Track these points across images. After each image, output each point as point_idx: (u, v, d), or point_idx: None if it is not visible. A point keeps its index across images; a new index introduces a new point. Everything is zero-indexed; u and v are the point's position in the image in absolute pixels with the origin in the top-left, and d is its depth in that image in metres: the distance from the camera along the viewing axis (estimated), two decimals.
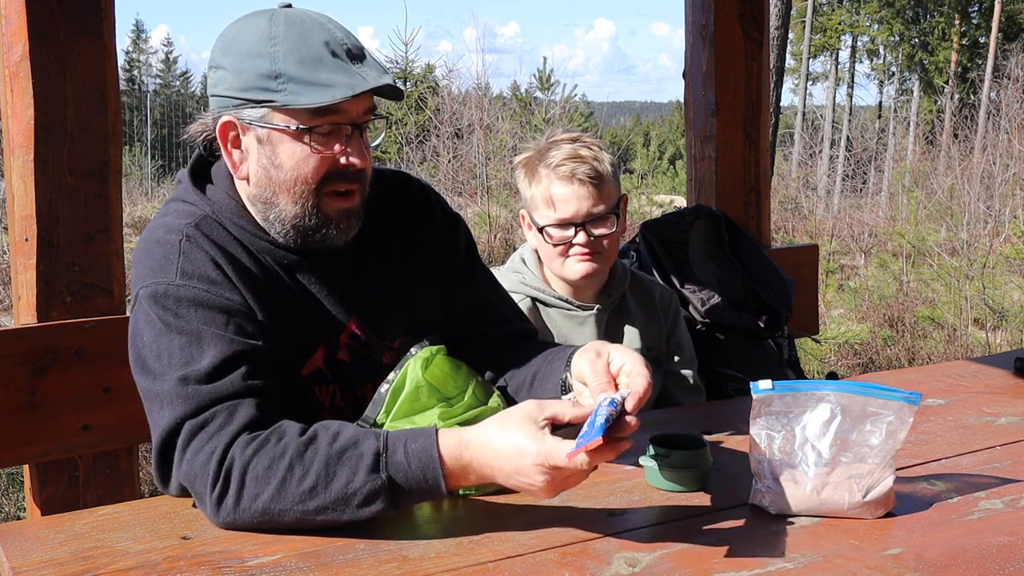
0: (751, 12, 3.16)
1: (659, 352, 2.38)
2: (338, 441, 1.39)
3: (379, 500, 1.37)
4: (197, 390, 1.44)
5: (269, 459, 1.38)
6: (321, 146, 1.55)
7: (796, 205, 16.23)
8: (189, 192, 1.65)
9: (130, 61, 46.24)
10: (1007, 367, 2.40)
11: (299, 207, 1.58)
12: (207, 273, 1.52)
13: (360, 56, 1.55)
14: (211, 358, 1.45)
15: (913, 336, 8.25)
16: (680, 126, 33.87)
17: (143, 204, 14.92)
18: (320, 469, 1.37)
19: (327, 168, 1.56)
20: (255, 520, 1.39)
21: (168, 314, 1.49)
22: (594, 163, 2.15)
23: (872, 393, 1.50)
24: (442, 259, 1.83)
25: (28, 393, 2.05)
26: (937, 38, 34.81)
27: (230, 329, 1.49)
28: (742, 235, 2.97)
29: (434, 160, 12.26)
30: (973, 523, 1.47)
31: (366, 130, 1.60)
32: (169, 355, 1.47)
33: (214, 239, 1.58)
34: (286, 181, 1.57)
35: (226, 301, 1.51)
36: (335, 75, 1.51)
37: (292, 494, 1.37)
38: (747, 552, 1.37)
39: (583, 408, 1.38)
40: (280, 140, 1.55)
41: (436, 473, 1.37)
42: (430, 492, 1.39)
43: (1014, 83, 18.15)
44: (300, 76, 1.51)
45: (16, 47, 2.04)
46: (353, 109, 1.55)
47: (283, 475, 1.37)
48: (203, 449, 1.41)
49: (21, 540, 1.38)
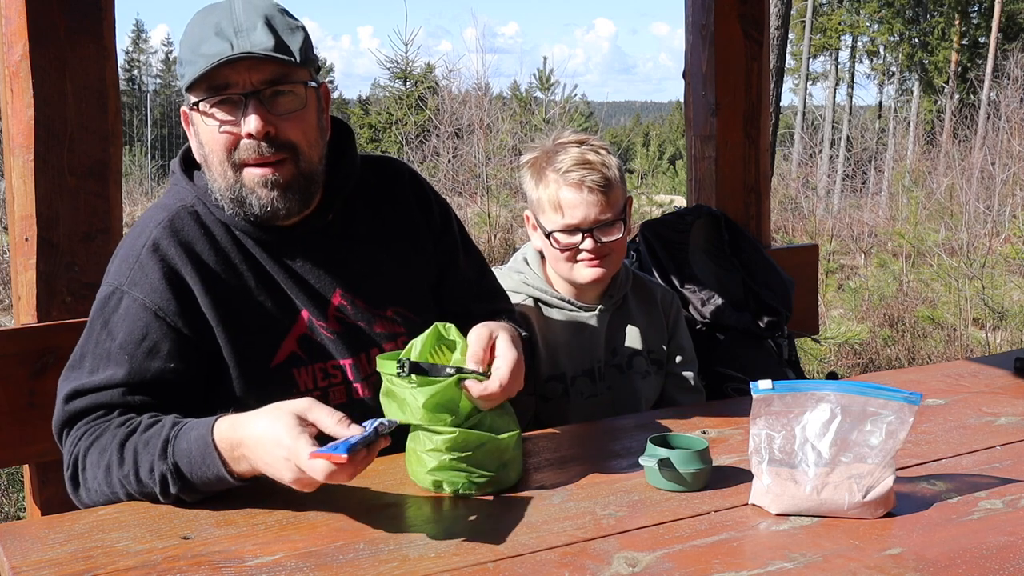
0: (751, 12, 3.16)
1: (660, 353, 2.38)
2: (150, 430, 1.53)
3: (172, 484, 1.47)
4: (78, 402, 1.59)
5: (100, 449, 1.54)
6: (222, 121, 1.63)
7: (796, 205, 16.24)
8: (179, 179, 1.76)
9: (130, 61, 46.29)
10: (1007, 367, 2.40)
11: (225, 180, 1.66)
12: (155, 287, 1.63)
13: (249, 27, 1.61)
14: (106, 376, 1.60)
15: (913, 336, 8.25)
16: (680, 126, 33.88)
17: (143, 204, 14.92)
18: (131, 456, 1.51)
19: (235, 141, 1.63)
20: (100, 499, 1.54)
21: (98, 321, 1.64)
22: (603, 169, 2.14)
23: (872, 393, 1.50)
24: (439, 237, 1.91)
25: (28, 393, 2.05)
26: (937, 38, 34.82)
27: (142, 349, 1.61)
28: (742, 235, 2.97)
29: (434, 160, 12.27)
30: (973, 523, 1.47)
31: (271, 99, 1.63)
32: (82, 352, 1.64)
33: (184, 236, 1.67)
34: (209, 156, 1.67)
35: (155, 316, 1.62)
36: (210, 49, 1.59)
37: (116, 479, 1.51)
38: (747, 552, 1.37)
39: (347, 428, 1.39)
40: (198, 120, 1.66)
41: (213, 458, 1.45)
42: (214, 477, 1.46)
43: (1014, 83, 18.16)
44: (187, 57, 1.62)
45: (16, 47, 2.04)
46: (241, 80, 1.60)
47: (107, 463, 1.52)
48: (71, 437, 1.59)
49: (21, 540, 1.38)
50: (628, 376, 2.30)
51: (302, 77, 1.66)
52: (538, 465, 1.71)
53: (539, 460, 1.75)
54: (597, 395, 2.25)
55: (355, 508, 1.50)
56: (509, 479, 1.59)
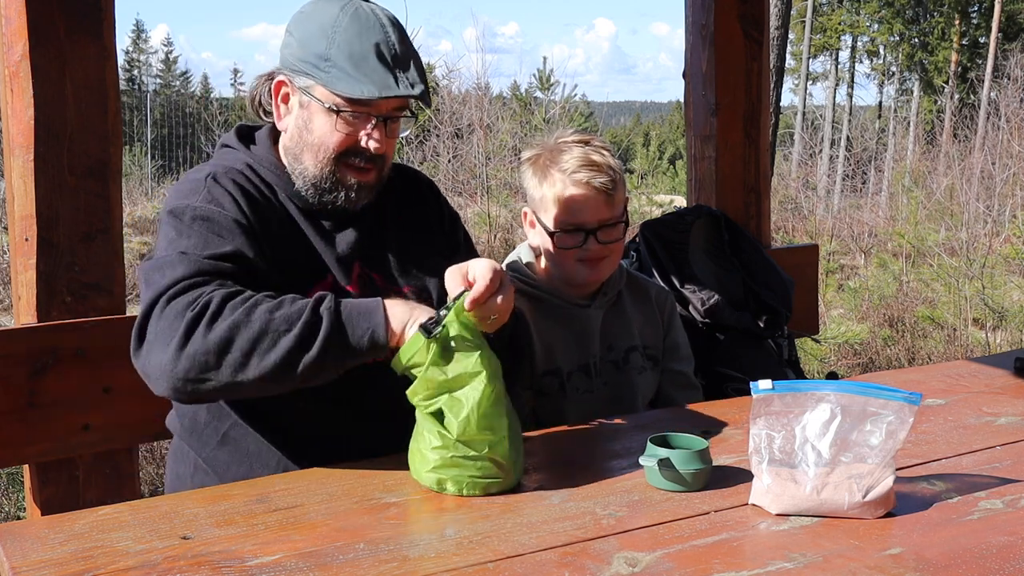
0: (751, 12, 3.16)
1: (656, 350, 2.38)
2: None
3: (325, 322, 1.56)
4: (198, 259, 1.64)
5: (242, 298, 1.58)
6: (348, 126, 1.78)
7: (796, 205, 16.23)
8: (235, 146, 1.89)
9: (130, 61, 46.25)
10: (1007, 367, 2.40)
11: (318, 169, 1.81)
12: (223, 203, 1.74)
13: (404, 63, 1.76)
14: (212, 250, 1.66)
15: (913, 336, 8.25)
16: (680, 126, 33.88)
17: (143, 204, 14.91)
18: (276, 303, 1.58)
19: (348, 144, 1.80)
20: (216, 344, 1.53)
21: (181, 224, 1.70)
22: (608, 171, 2.16)
23: (872, 393, 1.50)
24: (445, 241, 2.03)
25: (28, 393, 2.05)
26: (937, 38, 34.82)
27: (236, 241, 1.69)
28: (742, 235, 2.97)
29: (434, 160, 12.26)
30: (973, 523, 1.47)
31: (393, 122, 1.82)
32: (176, 244, 1.68)
33: (239, 183, 1.80)
34: (313, 144, 1.80)
35: (235, 222, 1.72)
36: (374, 74, 1.73)
37: (261, 315, 1.55)
38: (747, 552, 1.37)
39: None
40: (316, 110, 1.79)
41: (379, 310, 1.59)
42: (368, 330, 1.58)
43: (1014, 83, 18.16)
44: (345, 66, 1.73)
45: (16, 47, 2.04)
46: (384, 104, 1.78)
47: (252, 304, 1.57)
48: (189, 294, 1.58)
49: (21, 540, 1.38)
50: (624, 372, 2.31)
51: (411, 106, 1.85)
52: (538, 465, 1.72)
53: (539, 460, 1.75)
54: (593, 390, 2.26)
55: (355, 508, 1.51)
56: (511, 479, 1.59)
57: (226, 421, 1.80)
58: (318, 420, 1.78)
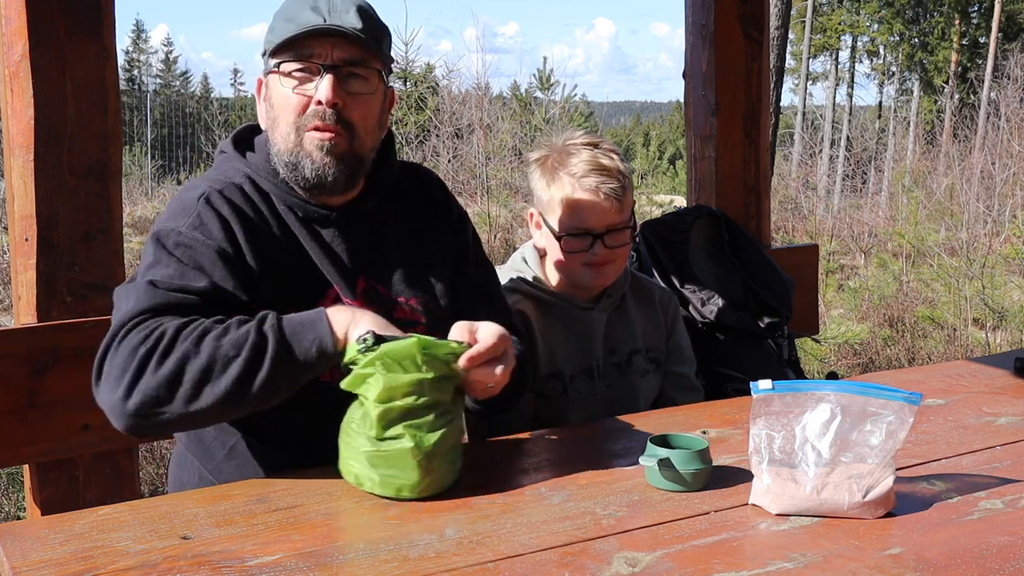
0: (751, 12, 3.16)
1: (659, 352, 2.38)
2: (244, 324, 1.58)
3: (271, 342, 1.54)
4: (165, 292, 1.61)
5: (191, 327, 1.56)
6: (297, 83, 1.74)
7: (796, 205, 16.23)
8: (230, 156, 1.85)
9: (130, 61, 46.27)
10: (1007, 367, 2.40)
11: (284, 143, 1.76)
12: (211, 229, 1.69)
13: (342, 9, 1.72)
14: (184, 282, 1.63)
15: (913, 336, 8.25)
16: (680, 126, 33.88)
17: (143, 204, 14.92)
18: (223, 329, 1.55)
19: (305, 106, 1.73)
20: (166, 378, 1.51)
21: (162, 251, 1.67)
22: (617, 176, 2.14)
23: (872, 393, 1.50)
24: (454, 243, 1.99)
25: (28, 393, 2.05)
26: (937, 38, 34.82)
27: (215, 274, 1.66)
28: (742, 235, 2.97)
29: (434, 160, 12.25)
30: (973, 523, 1.47)
31: (351, 78, 1.74)
32: (151, 271, 1.65)
33: (234, 202, 1.75)
34: (276, 118, 1.77)
35: (218, 252, 1.67)
36: (302, 18, 1.71)
37: (208, 344, 1.53)
38: (747, 552, 1.37)
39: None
40: (274, 83, 1.77)
41: (323, 322, 1.57)
42: (315, 340, 1.56)
43: (1014, 83, 18.16)
44: (277, 25, 1.75)
45: (16, 47, 2.04)
46: (325, 53, 1.72)
47: (199, 334, 1.54)
48: (145, 326, 1.56)
49: (21, 540, 1.38)
50: (627, 374, 2.30)
51: (377, 67, 1.78)
52: (538, 465, 1.72)
53: (539, 460, 1.75)
54: (596, 393, 2.26)
55: (355, 508, 1.51)
56: (433, 484, 1.54)
57: (233, 435, 1.79)
58: (329, 435, 1.75)
